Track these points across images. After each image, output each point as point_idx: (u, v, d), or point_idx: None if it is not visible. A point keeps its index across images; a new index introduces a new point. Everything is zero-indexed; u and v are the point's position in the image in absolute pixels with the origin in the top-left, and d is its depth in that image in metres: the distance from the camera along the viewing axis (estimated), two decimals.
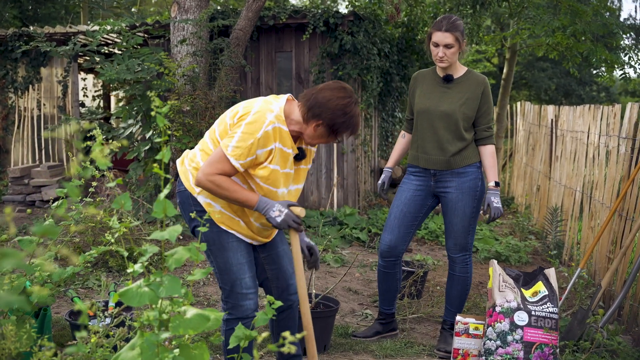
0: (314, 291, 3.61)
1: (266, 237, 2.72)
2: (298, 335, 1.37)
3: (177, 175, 2.71)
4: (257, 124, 2.43)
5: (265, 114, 2.46)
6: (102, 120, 10.29)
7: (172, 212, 1.77)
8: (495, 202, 3.38)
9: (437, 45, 3.37)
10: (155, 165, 1.62)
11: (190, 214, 2.18)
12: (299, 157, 2.60)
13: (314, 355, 2.46)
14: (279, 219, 2.45)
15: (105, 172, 2.25)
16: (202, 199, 2.57)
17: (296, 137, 2.60)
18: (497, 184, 3.42)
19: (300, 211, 2.48)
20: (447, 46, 3.35)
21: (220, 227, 2.58)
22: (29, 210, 5.11)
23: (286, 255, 2.78)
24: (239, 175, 2.53)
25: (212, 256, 2.62)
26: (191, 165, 2.62)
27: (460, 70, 3.49)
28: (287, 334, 1.39)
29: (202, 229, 1.89)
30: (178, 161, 2.71)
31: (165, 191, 1.77)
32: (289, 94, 2.61)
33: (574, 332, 3.55)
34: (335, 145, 7.49)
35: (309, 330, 2.43)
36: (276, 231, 2.78)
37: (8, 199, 8.26)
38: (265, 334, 1.48)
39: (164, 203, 1.78)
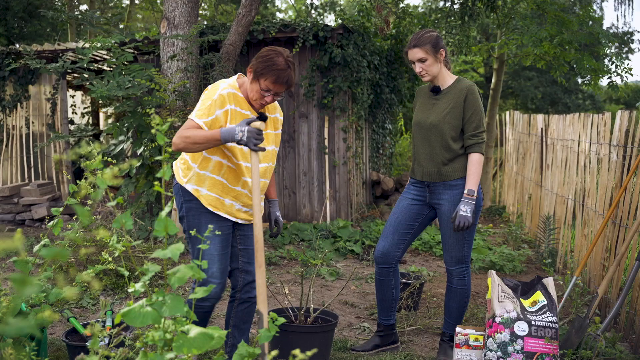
0: (312, 306, 3.59)
1: (249, 218, 3.03)
2: (308, 353, 1.36)
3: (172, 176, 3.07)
4: (213, 90, 2.90)
5: (219, 84, 2.94)
6: (92, 137, 10.23)
7: (173, 230, 1.76)
8: (463, 210, 3.26)
9: (413, 62, 3.45)
10: (156, 183, 1.61)
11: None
12: (261, 119, 2.92)
13: (261, 265, 2.58)
14: (244, 138, 2.68)
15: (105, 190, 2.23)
16: (190, 186, 2.94)
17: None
18: (470, 192, 3.32)
19: (259, 125, 2.71)
20: (421, 60, 3.40)
21: (201, 218, 2.91)
22: (19, 230, 5.06)
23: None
24: (217, 150, 2.88)
25: (191, 243, 2.93)
26: (180, 162, 3.01)
27: (449, 80, 3.50)
28: (297, 351, 1.38)
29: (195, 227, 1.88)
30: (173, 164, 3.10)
31: (167, 209, 1.76)
32: (239, 73, 3.06)
33: (571, 341, 3.55)
34: (326, 158, 7.49)
35: (259, 239, 2.58)
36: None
37: None
38: (274, 352, 1.47)
39: (165, 221, 1.76)
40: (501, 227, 7.96)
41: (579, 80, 20.25)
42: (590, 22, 8.55)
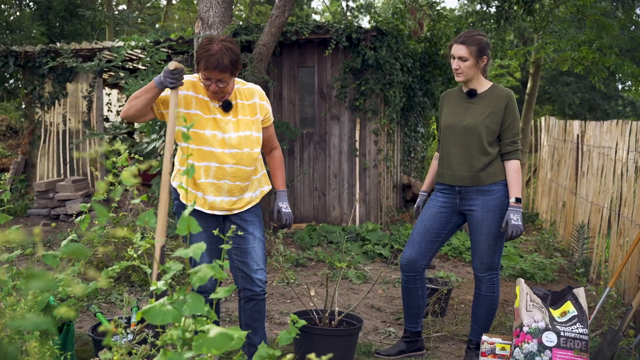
0: (336, 308, 3.57)
1: (228, 209, 3.02)
2: (324, 358, 1.34)
3: None
4: None
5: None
6: (125, 135, 10.39)
7: (196, 229, 1.75)
8: (514, 219, 3.27)
9: (453, 57, 3.39)
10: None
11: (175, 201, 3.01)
12: (227, 107, 2.96)
13: (163, 220, 2.62)
14: (162, 79, 2.73)
15: (129, 188, 2.26)
16: (175, 183, 3.04)
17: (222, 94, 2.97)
18: (518, 200, 3.31)
19: (171, 64, 2.72)
20: (461, 59, 3.35)
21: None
22: (53, 224, 5.16)
23: (254, 252, 3.10)
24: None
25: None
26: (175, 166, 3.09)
27: (484, 85, 3.45)
28: (312, 355, 1.36)
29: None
30: None
31: (190, 207, 1.76)
32: None
33: (603, 354, 3.45)
34: (357, 160, 7.46)
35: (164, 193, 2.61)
36: (241, 202, 3.06)
37: (33, 212, 8.36)
38: (290, 356, 1.45)
39: (187, 220, 1.76)
40: (533, 235, 7.81)
41: (619, 86, 19.79)
42: (633, 27, 8.34)
